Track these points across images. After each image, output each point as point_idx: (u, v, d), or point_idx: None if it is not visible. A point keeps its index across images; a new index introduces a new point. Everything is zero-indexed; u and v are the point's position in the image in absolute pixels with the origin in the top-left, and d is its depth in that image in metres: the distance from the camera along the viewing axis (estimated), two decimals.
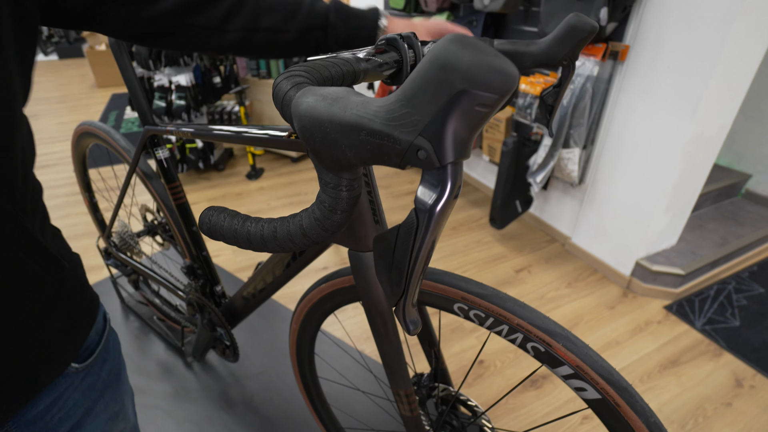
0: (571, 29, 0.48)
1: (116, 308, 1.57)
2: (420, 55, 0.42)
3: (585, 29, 0.48)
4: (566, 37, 0.49)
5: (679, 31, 1.47)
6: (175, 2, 0.47)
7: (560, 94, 0.55)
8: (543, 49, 0.50)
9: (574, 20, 0.48)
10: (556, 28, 0.50)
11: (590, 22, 0.48)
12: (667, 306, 1.78)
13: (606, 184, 1.88)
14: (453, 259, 2.08)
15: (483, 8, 1.95)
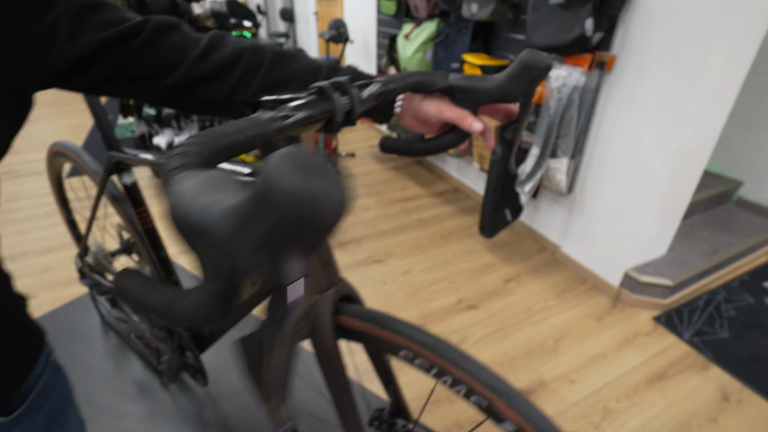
0: (525, 67, 0.47)
1: (96, 324, 1.56)
2: (357, 101, 0.41)
3: (538, 67, 0.47)
4: (520, 74, 0.48)
5: (664, 42, 1.45)
6: (180, 76, 0.46)
7: (518, 130, 0.54)
8: (498, 86, 0.49)
9: (527, 58, 0.47)
10: (509, 67, 0.49)
11: (544, 60, 0.47)
12: (656, 317, 1.77)
13: (595, 194, 1.86)
14: (442, 269, 2.07)
15: (471, 17, 1.94)
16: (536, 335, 1.70)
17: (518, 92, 0.48)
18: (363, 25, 3.64)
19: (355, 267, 2.08)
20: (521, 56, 0.47)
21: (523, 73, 0.47)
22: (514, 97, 0.49)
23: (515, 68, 0.48)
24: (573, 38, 1.52)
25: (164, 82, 0.46)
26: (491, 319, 1.77)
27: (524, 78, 0.47)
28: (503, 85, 0.49)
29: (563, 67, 1.68)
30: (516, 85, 0.48)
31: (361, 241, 2.29)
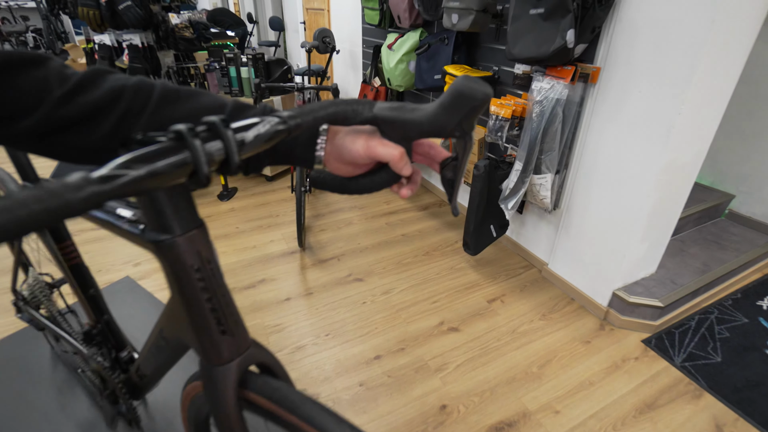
0: (458, 96, 0.39)
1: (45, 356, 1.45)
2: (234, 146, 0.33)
3: (475, 97, 0.39)
4: (453, 105, 0.40)
5: (649, 54, 1.39)
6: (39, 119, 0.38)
7: (459, 168, 0.46)
8: (429, 119, 0.41)
9: (461, 86, 0.39)
10: (442, 96, 0.41)
11: (481, 90, 0.39)
12: (646, 340, 1.69)
13: (581, 211, 1.79)
14: (424, 288, 1.98)
15: (452, 27, 1.88)
16: (520, 360, 1.61)
17: (452, 126, 0.41)
18: (349, 35, 3.58)
19: (334, 285, 1.99)
20: (455, 84, 0.40)
21: (457, 103, 0.40)
22: (447, 131, 0.41)
23: (448, 98, 0.40)
24: (554, 50, 1.45)
25: (20, 125, 0.38)
26: (473, 343, 1.68)
27: (458, 109, 0.40)
28: (435, 118, 0.41)
29: (545, 80, 1.61)
30: (449, 117, 0.40)
31: (342, 258, 2.20)
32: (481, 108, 0.40)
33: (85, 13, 2.16)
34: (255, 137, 0.36)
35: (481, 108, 0.40)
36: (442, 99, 0.41)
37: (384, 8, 2.57)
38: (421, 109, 0.42)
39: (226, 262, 2.16)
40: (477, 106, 0.40)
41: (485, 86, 0.39)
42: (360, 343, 1.68)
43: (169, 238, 0.41)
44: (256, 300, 1.90)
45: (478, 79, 0.39)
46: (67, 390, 1.31)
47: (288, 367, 1.57)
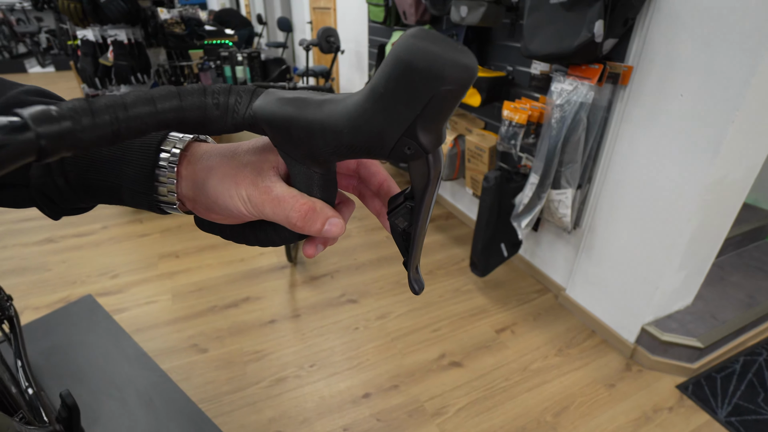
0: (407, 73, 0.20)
1: None
2: None
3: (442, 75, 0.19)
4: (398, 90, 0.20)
5: (695, 50, 1.16)
6: None
7: (418, 213, 0.25)
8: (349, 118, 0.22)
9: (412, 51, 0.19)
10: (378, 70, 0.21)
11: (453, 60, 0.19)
12: (681, 385, 1.44)
13: (606, 232, 1.55)
14: (424, 314, 1.76)
15: (460, 21, 1.67)
16: (532, 406, 1.38)
17: (396, 137, 0.21)
18: (355, 34, 3.40)
19: (325, 307, 1.79)
20: (399, 49, 0.20)
21: (403, 89, 0.20)
22: (387, 146, 0.22)
23: (384, 78, 0.20)
24: (579, 45, 1.23)
25: None
26: (478, 382, 1.46)
27: (405, 101, 0.20)
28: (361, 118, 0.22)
29: (567, 81, 1.39)
30: (388, 117, 0.21)
31: (335, 275, 2.00)
32: (457, 97, 0.20)
33: (65, 6, 2.01)
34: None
35: (458, 97, 0.20)
36: (374, 81, 0.21)
37: (389, 4, 2.38)
38: (339, 103, 0.22)
39: (211, 276, 1.98)
40: (448, 93, 0.19)
41: (463, 52, 0.19)
42: (348, 377, 1.47)
43: None
44: (237, 321, 1.71)
45: (447, 39, 0.19)
46: None
47: (264, 404, 1.37)
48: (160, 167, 0.26)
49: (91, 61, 2.17)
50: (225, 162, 0.26)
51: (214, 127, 0.23)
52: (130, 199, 0.27)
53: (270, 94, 0.24)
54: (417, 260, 0.28)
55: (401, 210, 0.26)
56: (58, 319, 1.62)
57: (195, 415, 1.28)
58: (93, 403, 1.26)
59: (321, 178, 0.26)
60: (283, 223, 0.25)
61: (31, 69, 7.22)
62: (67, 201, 0.27)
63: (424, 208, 0.25)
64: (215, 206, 0.26)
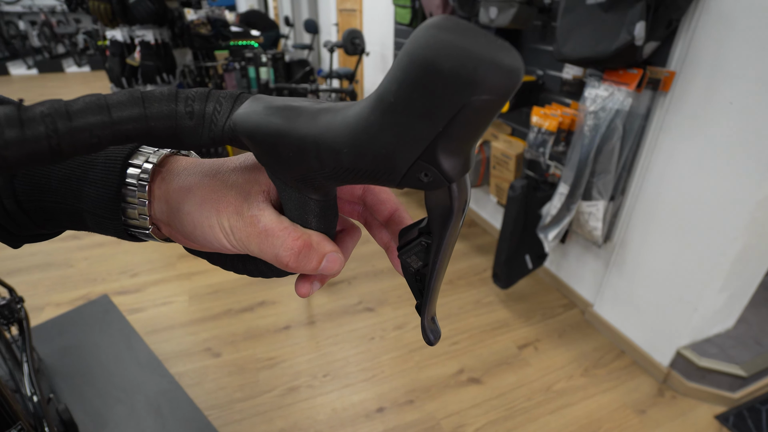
0: (426, 77, 0.14)
1: None
2: None
3: (472, 79, 0.14)
4: (414, 97, 0.15)
5: (749, 55, 1.07)
6: None
7: (436, 250, 0.20)
8: (352, 133, 0.17)
9: (435, 49, 0.14)
10: (390, 70, 0.16)
11: (491, 60, 0.14)
12: (721, 416, 1.33)
13: (639, 247, 1.46)
14: (443, 326, 1.70)
15: (489, 23, 1.61)
16: (555, 429, 1.30)
17: (407, 160, 0.17)
18: (381, 37, 3.36)
19: (341, 314, 1.75)
20: (413, 44, 0.14)
21: (423, 95, 0.15)
22: (396, 172, 0.17)
23: (398, 82, 0.15)
24: (618, 48, 1.15)
25: None
26: (498, 401, 1.39)
27: (426, 112, 0.15)
28: (366, 136, 0.17)
29: (602, 86, 1.31)
30: (402, 135, 0.16)
31: (353, 281, 1.96)
32: (495, 110, 0.15)
33: (96, 7, 2.05)
34: None
35: (496, 110, 0.15)
36: (382, 88, 0.16)
37: (416, 6, 2.33)
38: (338, 113, 0.18)
39: (228, 278, 1.97)
40: (483, 105, 0.14)
41: (504, 48, 0.14)
42: (362, 390, 1.42)
43: None
44: (251, 326, 1.69)
45: (481, 30, 0.14)
46: None
47: (275, 414, 1.33)
48: (127, 185, 0.22)
49: (118, 61, 2.20)
50: (206, 182, 0.22)
51: (188, 141, 0.19)
52: (94, 224, 0.23)
53: (257, 101, 0.19)
54: (433, 307, 0.23)
55: (415, 247, 0.21)
56: (73, 319, 1.63)
57: (203, 425, 1.26)
58: (102, 407, 1.25)
59: (317, 205, 0.21)
60: (272, 262, 0.21)
61: (69, 69, 7.49)
62: (21, 227, 0.23)
63: (444, 247, 0.20)
64: (192, 236, 0.22)
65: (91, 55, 7.69)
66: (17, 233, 0.24)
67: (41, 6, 7.64)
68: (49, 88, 6.07)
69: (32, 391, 0.73)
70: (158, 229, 0.23)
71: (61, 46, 7.80)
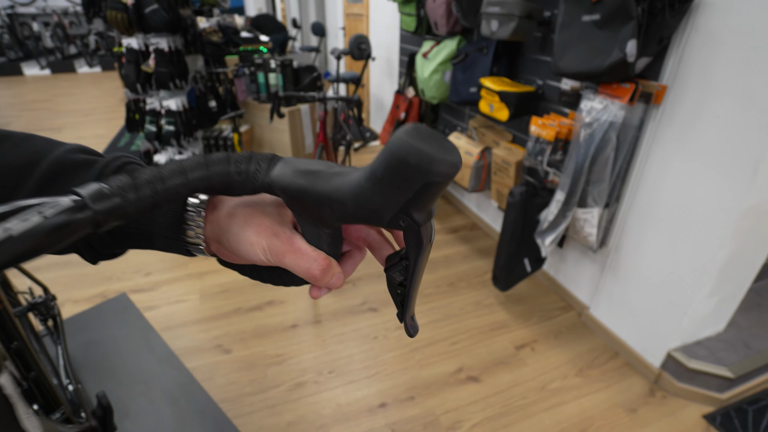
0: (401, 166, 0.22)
1: None
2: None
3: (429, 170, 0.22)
4: (393, 178, 0.23)
5: (733, 71, 1.12)
6: None
7: (412, 272, 0.28)
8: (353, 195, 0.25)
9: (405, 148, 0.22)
10: (377, 157, 0.24)
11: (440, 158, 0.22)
12: (709, 416, 1.39)
13: (633, 252, 1.52)
14: (444, 326, 1.77)
15: (491, 35, 1.67)
16: (548, 426, 1.36)
17: (392, 213, 0.24)
18: (387, 42, 3.43)
19: (345, 314, 1.83)
20: (393, 145, 0.22)
21: (399, 177, 0.23)
22: (384, 219, 0.25)
23: (381, 166, 0.23)
24: (610, 64, 1.21)
25: None
26: (495, 398, 1.46)
27: (399, 187, 0.23)
28: (363, 196, 0.25)
29: (597, 99, 1.37)
30: (386, 198, 0.24)
31: (357, 282, 2.03)
32: (441, 186, 0.23)
33: (113, 17, 2.13)
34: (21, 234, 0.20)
35: (442, 186, 0.23)
36: (374, 166, 0.24)
37: (421, 14, 2.39)
38: (344, 177, 0.25)
39: (237, 278, 2.04)
40: (433, 184, 0.23)
41: (449, 150, 0.22)
42: (365, 386, 1.50)
43: None
44: (260, 324, 1.77)
45: (437, 136, 0.22)
46: None
47: (283, 407, 1.41)
48: (188, 212, 0.29)
49: (133, 68, 2.29)
50: (248, 211, 0.29)
51: (236, 192, 0.26)
52: (162, 243, 0.30)
53: (287, 164, 0.26)
54: (412, 309, 0.30)
55: (398, 266, 0.29)
56: (95, 316, 1.72)
57: (217, 415, 1.34)
58: (124, 398, 1.34)
59: (329, 237, 0.29)
60: (301, 274, 0.28)
61: (80, 69, 7.63)
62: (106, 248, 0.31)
63: (418, 268, 0.27)
64: (236, 251, 0.29)
65: (102, 56, 7.83)
66: (100, 251, 0.31)
67: (54, 8, 7.78)
68: (61, 88, 6.20)
69: (68, 381, 0.80)
70: (208, 246, 0.30)
71: (73, 46, 7.94)
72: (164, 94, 2.46)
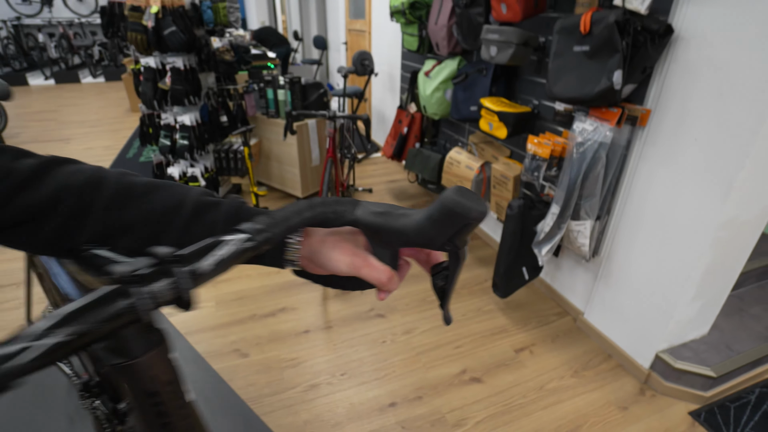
0: (449, 214, 0.35)
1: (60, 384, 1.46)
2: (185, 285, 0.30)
3: (468, 216, 0.34)
4: (444, 221, 0.35)
5: (708, 99, 1.25)
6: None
7: (451, 279, 0.41)
8: (416, 231, 0.37)
9: (452, 204, 0.34)
10: (431, 206, 0.36)
11: (476, 209, 0.34)
12: (694, 412, 1.50)
13: (623, 261, 1.64)
14: (447, 330, 1.88)
15: (490, 59, 1.80)
16: (546, 423, 1.47)
17: (441, 242, 0.36)
18: (389, 58, 3.57)
19: (355, 320, 1.93)
20: (444, 199, 0.35)
21: (447, 220, 0.35)
22: (436, 246, 0.37)
23: (437, 212, 0.35)
24: (599, 91, 1.34)
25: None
26: (497, 398, 1.56)
27: (448, 226, 0.35)
28: (422, 231, 0.36)
29: (588, 121, 1.50)
30: (438, 232, 0.36)
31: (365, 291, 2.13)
32: (474, 226, 0.35)
33: (133, 38, 2.25)
34: (215, 265, 0.32)
35: (475, 226, 0.36)
36: (431, 211, 0.36)
37: (423, 35, 2.53)
38: (410, 217, 0.37)
39: (251, 286, 2.15)
40: (470, 225, 0.35)
41: (480, 203, 0.34)
42: (376, 387, 1.60)
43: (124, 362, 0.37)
44: (274, 330, 1.87)
45: (473, 195, 0.35)
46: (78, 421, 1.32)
47: (300, 407, 1.51)
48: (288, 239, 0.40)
49: (151, 86, 2.41)
50: (334, 238, 0.40)
51: (330, 225, 0.38)
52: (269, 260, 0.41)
53: (364, 206, 0.38)
54: (448, 305, 0.42)
55: (441, 274, 0.41)
56: None
57: (245, 412, 1.44)
58: None
59: (390, 254, 0.41)
60: (372, 281, 0.39)
61: (84, 79, 7.75)
62: None
63: (456, 276, 0.40)
64: (325, 265, 0.40)
65: (105, 66, 7.95)
66: None
67: (60, 19, 7.92)
68: (66, 99, 6.31)
69: None
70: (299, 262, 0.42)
71: (77, 57, 8.06)
72: (178, 110, 2.58)
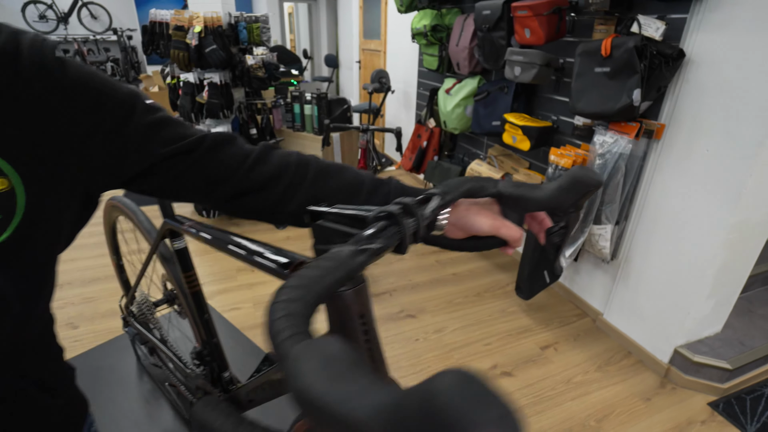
0: (576, 182, 0.47)
1: (132, 366, 1.58)
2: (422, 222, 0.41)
3: (590, 184, 0.47)
4: (571, 188, 0.48)
5: (717, 115, 1.41)
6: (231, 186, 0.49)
7: (566, 236, 0.54)
8: (548, 197, 0.49)
9: (579, 174, 0.47)
10: (560, 179, 0.48)
11: (595, 178, 0.47)
12: (713, 403, 1.62)
13: (641, 263, 1.77)
14: (475, 330, 1.99)
15: (514, 78, 1.96)
16: (576, 412, 1.58)
17: (569, 205, 0.48)
18: (404, 76, 3.76)
19: (387, 321, 2.04)
20: (572, 172, 0.48)
21: (574, 188, 0.48)
22: (564, 209, 0.49)
23: (566, 182, 0.48)
24: (620, 108, 1.49)
25: (218, 190, 0.49)
26: (528, 390, 1.67)
27: (575, 192, 0.48)
28: (554, 197, 0.48)
29: (608, 134, 1.65)
30: (567, 198, 0.48)
31: (394, 293, 2.25)
32: (593, 193, 0.49)
33: (175, 55, 2.42)
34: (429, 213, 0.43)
35: (593, 192, 0.49)
36: (561, 182, 0.48)
37: (443, 55, 2.70)
38: (542, 189, 0.49)
39: None
40: (590, 191, 0.48)
41: (598, 175, 0.48)
42: (414, 381, 1.69)
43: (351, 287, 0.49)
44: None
45: (592, 170, 0.48)
46: (153, 400, 1.42)
47: None
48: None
49: (189, 99, 2.56)
50: (477, 207, 0.52)
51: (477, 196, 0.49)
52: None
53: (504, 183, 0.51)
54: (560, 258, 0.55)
55: (558, 233, 0.53)
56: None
57: None
58: None
59: (517, 218, 0.54)
60: (507, 239, 0.51)
61: None
62: None
63: (569, 233, 0.53)
64: (470, 229, 0.51)
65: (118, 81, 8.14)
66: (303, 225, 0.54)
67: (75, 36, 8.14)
68: None
69: None
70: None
71: None
72: (211, 122, 2.73)
